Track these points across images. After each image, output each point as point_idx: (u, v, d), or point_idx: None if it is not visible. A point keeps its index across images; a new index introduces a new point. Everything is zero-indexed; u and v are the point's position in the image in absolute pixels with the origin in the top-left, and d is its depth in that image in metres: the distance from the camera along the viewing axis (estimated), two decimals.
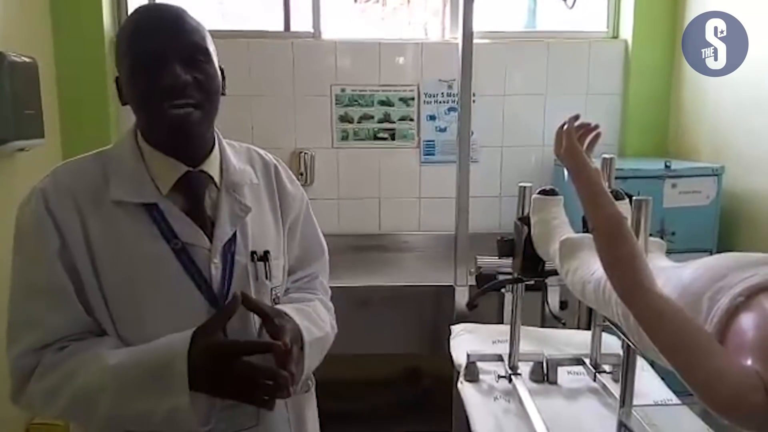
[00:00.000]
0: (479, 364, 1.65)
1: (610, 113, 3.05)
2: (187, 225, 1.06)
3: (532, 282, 1.58)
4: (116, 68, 1.07)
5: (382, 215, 3.09)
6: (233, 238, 1.09)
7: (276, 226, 1.19)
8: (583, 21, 3.14)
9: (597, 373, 1.57)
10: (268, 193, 1.20)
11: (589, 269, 1.11)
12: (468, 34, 1.96)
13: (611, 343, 1.62)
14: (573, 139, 1.02)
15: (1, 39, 2.27)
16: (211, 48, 1.06)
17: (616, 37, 3.12)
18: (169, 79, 0.98)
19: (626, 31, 3.06)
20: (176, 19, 1.02)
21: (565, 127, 1.05)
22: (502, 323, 2.09)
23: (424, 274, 2.67)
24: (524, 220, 1.47)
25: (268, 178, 1.22)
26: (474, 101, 2.07)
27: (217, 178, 1.11)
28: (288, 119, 2.97)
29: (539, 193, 1.44)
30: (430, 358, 2.64)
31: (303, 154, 2.95)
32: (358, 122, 3.01)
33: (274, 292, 1.15)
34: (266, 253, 1.13)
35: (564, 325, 1.81)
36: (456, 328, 1.97)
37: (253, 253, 1.11)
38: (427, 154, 3.05)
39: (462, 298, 2.11)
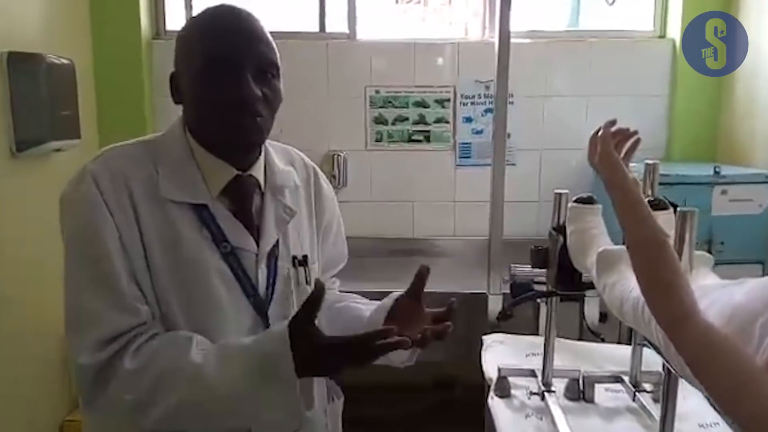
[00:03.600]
0: (511, 379, 1.58)
1: (656, 116, 2.95)
2: (237, 228, 1.04)
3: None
4: (176, 65, 1.03)
5: (416, 219, 3.04)
6: (276, 243, 1.08)
7: (311, 230, 1.18)
8: (629, 20, 3.04)
9: (636, 392, 1.49)
10: (306, 196, 1.19)
11: (627, 285, 1.03)
12: (504, 34, 1.89)
13: (653, 360, 1.53)
14: (609, 147, 0.95)
15: (39, 41, 2.31)
16: (280, 62, 1.03)
17: (663, 36, 3.01)
18: (243, 92, 0.97)
19: (674, 30, 2.95)
20: (252, 28, 1.00)
21: (600, 132, 0.97)
22: (537, 333, 2.01)
23: (457, 281, 2.59)
24: (559, 230, 1.39)
25: (307, 181, 1.20)
26: (512, 102, 2.02)
27: (261, 182, 1.09)
28: (321, 120, 2.95)
29: (576, 200, 1.36)
30: (462, 365, 2.57)
31: (336, 155, 2.92)
32: (393, 124, 2.97)
33: None
34: (305, 257, 1.12)
35: (602, 341, 1.72)
36: (488, 339, 1.90)
37: (294, 257, 1.11)
38: (462, 157, 2.99)
39: (495, 306, 2.04)
